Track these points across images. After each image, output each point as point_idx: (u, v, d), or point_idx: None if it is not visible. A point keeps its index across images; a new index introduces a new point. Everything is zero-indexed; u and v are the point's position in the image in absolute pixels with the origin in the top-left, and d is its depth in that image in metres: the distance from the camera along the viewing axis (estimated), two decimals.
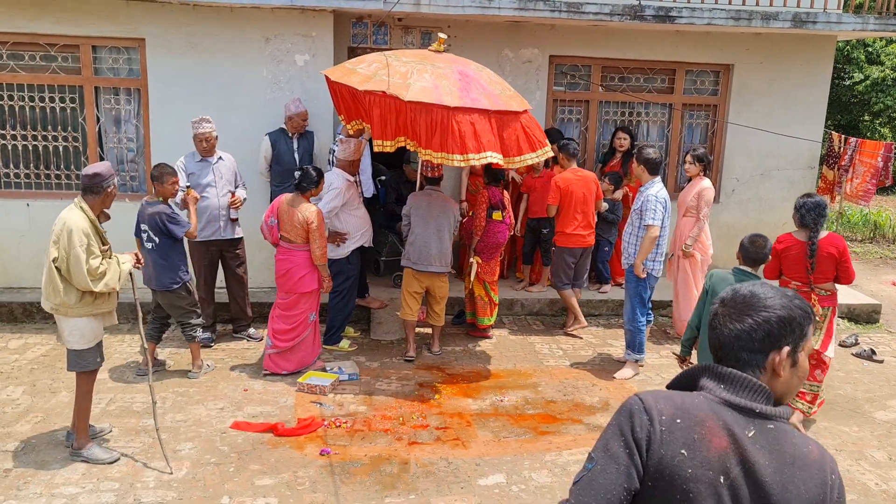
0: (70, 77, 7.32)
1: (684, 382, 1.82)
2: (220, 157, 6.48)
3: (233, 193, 6.51)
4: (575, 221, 7.06)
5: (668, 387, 1.86)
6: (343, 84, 5.60)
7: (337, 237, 6.37)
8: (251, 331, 6.89)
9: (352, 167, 6.51)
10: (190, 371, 6.00)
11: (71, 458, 4.65)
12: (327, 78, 5.89)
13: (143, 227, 5.70)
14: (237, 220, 6.59)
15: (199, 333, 5.96)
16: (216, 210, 6.42)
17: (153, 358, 6.03)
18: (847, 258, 5.23)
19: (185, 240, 5.86)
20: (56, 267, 4.39)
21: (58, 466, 4.55)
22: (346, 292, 6.56)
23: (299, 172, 6.02)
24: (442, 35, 6.05)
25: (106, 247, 4.56)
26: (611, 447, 1.70)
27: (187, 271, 5.85)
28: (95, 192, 4.54)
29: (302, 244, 5.96)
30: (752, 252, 4.76)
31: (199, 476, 4.49)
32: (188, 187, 6.09)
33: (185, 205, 5.99)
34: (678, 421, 1.67)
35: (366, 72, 5.58)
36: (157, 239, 5.63)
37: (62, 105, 7.38)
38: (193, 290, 5.97)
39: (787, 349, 1.73)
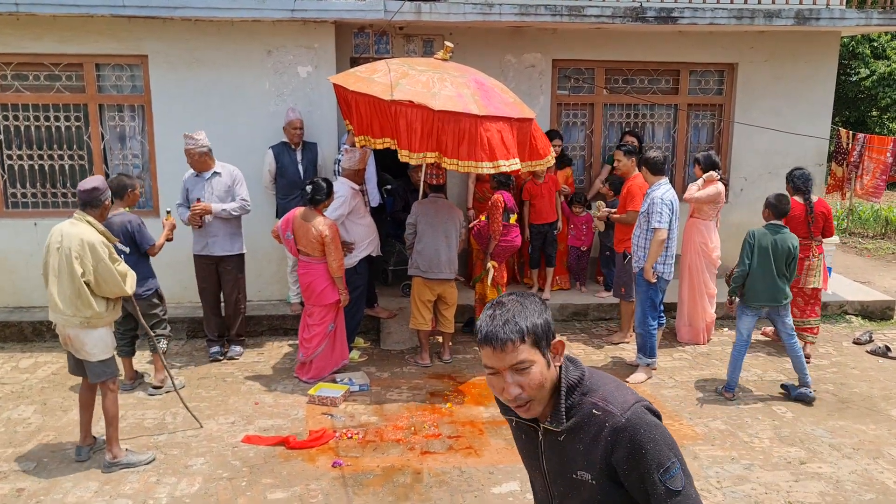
0: (74, 95, 7.35)
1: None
2: (216, 173, 6.41)
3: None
4: None
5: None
6: (364, 94, 5.46)
7: (344, 247, 6.35)
8: (236, 349, 6.73)
9: (357, 176, 6.54)
10: (151, 384, 5.90)
11: (108, 470, 4.67)
12: (338, 87, 5.81)
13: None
14: (216, 234, 6.38)
15: (163, 344, 5.81)
16: (207, 225, 6.39)
17: (133, 371, 6.03)
18: (831, 217, 6.76)
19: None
20: (84, 282, 4.44)
21: (70, 485, 4.54)
22: (355, 302, 6.54)
23: (310, 186, 5.99)
24: (449, 43, 6.03)
25: None
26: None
27: (154, 277, 5.87)
28: (95, 205, 4.62)
29: (320, 257, 5.99)
30: (780, 207, 5.79)
31: (212, 491, 4.47)
32: (168, 212, 6.12)
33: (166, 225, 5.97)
34: None
35: (384, 80, 5.47)
36: (127, 248, 5.56)
37: (67, 124, 7.41)
38: (163, 296, 5.99)
39: None
